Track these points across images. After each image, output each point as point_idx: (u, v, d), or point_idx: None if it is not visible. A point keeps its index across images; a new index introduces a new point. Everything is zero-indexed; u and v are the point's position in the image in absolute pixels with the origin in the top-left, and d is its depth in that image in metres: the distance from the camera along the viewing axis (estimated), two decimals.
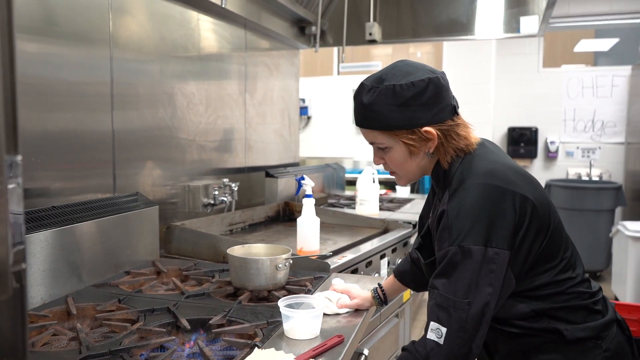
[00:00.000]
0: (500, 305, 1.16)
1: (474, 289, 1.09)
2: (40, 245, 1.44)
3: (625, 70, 5.69)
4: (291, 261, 1.63)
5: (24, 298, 0.53)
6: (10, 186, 0.43)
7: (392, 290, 1.56)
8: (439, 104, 1.16)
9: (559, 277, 1.18)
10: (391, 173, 1.28)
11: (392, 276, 1.58)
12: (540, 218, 1.15)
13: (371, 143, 1.24)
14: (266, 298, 1.57)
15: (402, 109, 1.15)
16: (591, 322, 1.17)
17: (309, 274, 1.78)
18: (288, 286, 1.63)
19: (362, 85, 1.20)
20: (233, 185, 2.64)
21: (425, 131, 1.16)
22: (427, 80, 1.15)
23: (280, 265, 1.57)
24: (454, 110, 1.19)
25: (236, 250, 1.66)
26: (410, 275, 1.52)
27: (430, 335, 1.11)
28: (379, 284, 1.56)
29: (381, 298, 1.53)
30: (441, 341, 1.09)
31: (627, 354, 1.24)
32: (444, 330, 1.09)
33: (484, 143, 1.26)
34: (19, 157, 0.47)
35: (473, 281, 1.09)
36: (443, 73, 1.20)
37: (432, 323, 1.12)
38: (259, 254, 1.68)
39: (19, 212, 0.45)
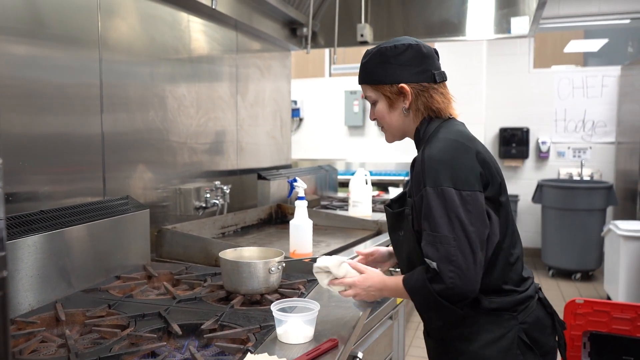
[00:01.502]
0: (493, 246, 1.28)
1: (457, 226, 1.21)
2: (28, 250, 1.41)
3: (615, 71, 5.72)
4: (284, 264, 1.61)
5: (5, 308, 0.51)
6: None
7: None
8: (416, 66, 1.34)
9: (502, 253, 1.31)
10: (381, 129, 1.46)
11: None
12: (495, 187, 1.29)
13: (365, 97, 1.44)
14: (259, 302, 1.55)
15: (385, 65, 1.36)
16: (506, 296, 1.30)
17: (302, 277, 1.76)
18: (281, 289, 1.62)
19: (366, 51, 1.42)
20: (225, 187, 2.62)
21: (401, 87, 1.35)
22: (407, 44, 1.35)
23: (273, 269, 1.55)
24: (433, 78, 1.35)
25: (228, 254, 1.64)
26: None
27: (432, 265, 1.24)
28: None
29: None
30: (438, 270, 1.22)
31: (547, 327, 1.38)
32: (434, 264, 1.21)
33: (462, 123, 1.42)
34: None
35: (453, 218, 1.21)
36: (429, 47, 1.38)
37: (426, 260, 1.24)
38: (252, 257, 1.65)
39: None
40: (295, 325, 1.24)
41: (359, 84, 1.46)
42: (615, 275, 4.09)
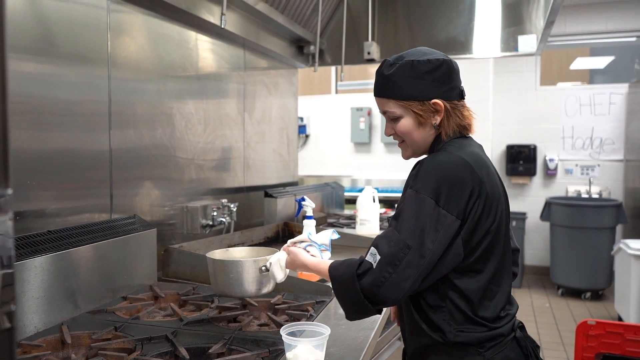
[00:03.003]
0: (440, 275, 1.22)
1: (417, 236, 1.17)
2: (35, 271, 1.39)
3: (623, 88, 5.71)
4: (283, 263, 1.47)
5: (12, 341, 0.49)
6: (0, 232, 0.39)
7: None
8: (449, 83, 1.30)
9: (479, 287, 1.25)
10: (399, 144, 1.39)
11: None
12: (491, 216, 1.24)
13: (384, 112, 1.35)
14: (267, 324, 1.52)
15: (417, 81, 1.28)
16: (474, 331, 1.23)
17: (310, 298, 1.73)
18: (289, 311, 1.59)
19: (385, 60, 1.34)
20: (232, 205, 2.60)
21: (434, 103, 1.28)
22: (441, 60, 1.30)
23: (264, 268, 1.42)
24: (461, 95, 1.33)
25: (216, 254, 1.53)
26: None
27: (368, 258, 1.21)
28: None
29: None
30: (374, 266, 1.18)
31: None
32: (378, 257, 1.18)
33: (479, 145, 1.39)
34: (9, 191, 0.44)
35: (418, 228, 1.17)
36: (455, 62, 1.35)
37: (372, 248, 1.21)
38: (242, 257, 1.54)
39: (9, 268, 0.41)
40: (305, 349, 1.21)
41: (378, 96, 1.35)
42: (626, 295, 4.03)
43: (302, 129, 6.34)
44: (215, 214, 2.49)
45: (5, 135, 0.43)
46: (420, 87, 1.28)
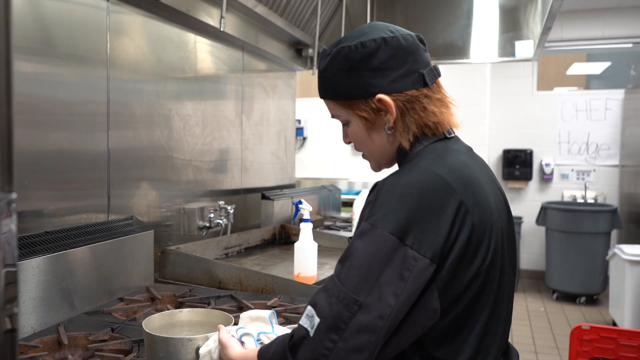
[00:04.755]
0: (407, 341, 0.91)
1: (372, 288, 0.84)
2: (32, 272, 1.39)
3: (619, 94, 5.74)
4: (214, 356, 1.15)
5: (14, 343, 0.49)
6: (5, 230, 0.40)
7: None
8: (396, 69, 0.97)
9: (459, 353, 0.92)
10: (362, 156, 1.12)
11: None
12: (481, 252, 0.92)
13: (333, 117, 1.09)
14: None
15: (351, 74, 0.98)
16: None
17: (306, 301, 1.73)
18: (286, 314, 1.59)
19: (323, 50, 1.06)
20: (229, 207, 2.61)
21: (379, 99, 0.98)
22: (379, 40, 0.96)
23: (202, 351, 1.08)
24: (423, 80, 0.99)
25: (155, 320, 1.20)
26: None
27: (304, 322, 0.88)
28: None
29: None
30: (312, 332, 0.86)
31: None
32: (316, 320, 0.86)
33: (466, 148, 1.07)
34: (14, 195, 0.44)
35: (373, 277, 0.85)
36: (410, 34, 1.02)
37: (308, 307, 0.90)
38: (191, 324, 1.24)
39: (12, 266, 0.42)
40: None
41: (320, 97, 1.08)
42: (620, 300, 4.05)
43: (299, 131, 6.35)
44: (212, 215, 2.50)
45: (10, 141, 0.44)
46: (357, 80, 0.98)
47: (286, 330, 1.12)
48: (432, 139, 1.01)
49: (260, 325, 1.12)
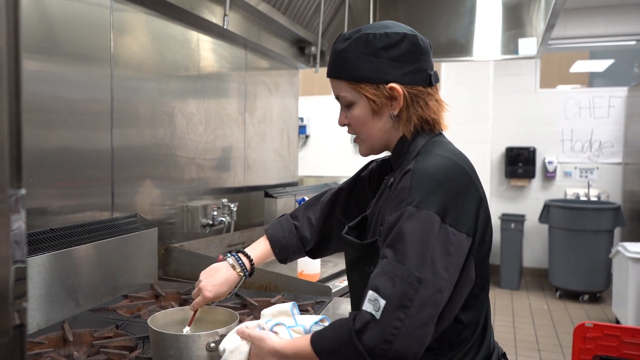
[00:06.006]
0: (455, 311, 1.00)
1: (429, 264, 0.91)
2: (37, 269, 1.40)
3: (622, 92, 5.72)
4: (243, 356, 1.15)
5: (23, 338, 0.50)
6: (14, 226, 0.40)
7: (263, 261, 1.37)
8: (411, 64, 1.06)
9: (475, 316, 1.06)
10: (354, 139, 1.18)
11: (266, 245, 1.38)
12: (490, 226, 1.07)
13: (337, 97, 1.15)
14: None
15: (370, 58, 1.06)
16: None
17: (310, 299, 1.74)
18: None
19: (340, 34, 1.12)
20: (232, 205, 2.61)
21: (391, 87, 1.06)
22: (402, 34, 1.06)
23: (213, 345, 1.10)
24: (429, 80, 1.09)
25: (158, 319, 1.20)
26: (292, 253, 1.38)
27: (367, 307, 0.91)
28: (248, 255, 1.33)
29: (249, 273, 1.32)
30: (378, 315, 0.89)
31: None
32: (382, 302, 0.90)
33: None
34: (23, 191, 0.45)
35: (427, 254, 0.92)
36: (425, 39, 1.12)
37: (370, 292, 0.92)
38: (194, 323, 1.25)
39: (21, 262, 0.42)
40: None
41: (329, 77, 1.13)
42: (623, 298, 4.05)
43: (302, 129, 6.35)
44: (215, 213, 2.50)
45: (18, 138, 0.44)
46: (375, 66, 1.06)
47: (309, 319, 1.12)
48: (431, 135, 1.11)
49: (284, 319, 1.12)
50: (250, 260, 1.33)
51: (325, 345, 0.94)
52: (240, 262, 1.31)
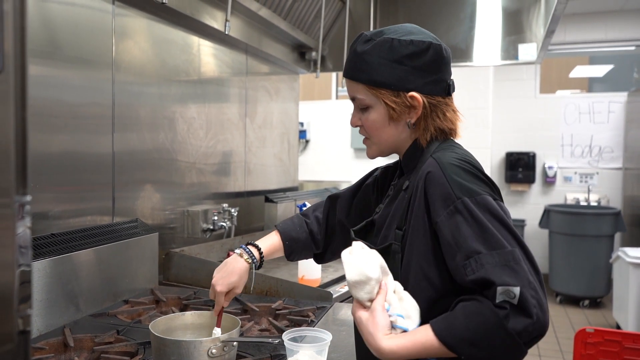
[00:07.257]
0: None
1: (515, 241, 0.93)
2: (38, 274, 1.40)
3: (622, 97, 5.73)
4: (235, 344, 1.21)
5: (28, 343, 0.50)
6: (19, 231, 0.40)
7: (272, 253, 1.36)
8: (434, 74, 1.06)
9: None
10: (364, 141, 1.17)
11: (276, 238, 1.36)
12: None
13: (352, 99, 1.13)
14: (268, 330, 1.53)
15: (394, 65, 1.04)
16: None
17: (311, 304, 1.74)
18: (290, 317, 1.59)
19: (361, 34, 1.10)
20: (232, 210, 2.61)
21: (411, 96, 1.05)
22: (428, 43, 1.05)
23: (214, 352, 1.10)
24: (448, 89, 1.09)
25: (160, 324, 1.21)
26: (301, 248, 1.38)
27: (499, 299, 0.89)
28: (257, 245, 1.32)
29: (259, 266, 1.33)
30: (515, 301, 0.89)
31: None
32: (516, 290, 0.88)
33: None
34: (28, 197, 0.45)
35: (510, 230, 0.94)
36: (448, 48, 1.11)
37: (498, 288, 0.89)
38: (194, 327, 1.24)
39: (26, 265, 0.42)
40: (306, 355, 1.21)
41: (347, 78, 1.11)
42: (624, 303, 4.04)
43: (302, 134, 6.35)
44: (216, 218, 2.50)
45: (24, 144, 0.44)
46: (398, 73, 1.04)
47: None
48: (443, 140, 1.12)
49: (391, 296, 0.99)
50: (259, 250, 1.32)
51: (463, 336, 0.90)
52: (248, 251, 1.30)
